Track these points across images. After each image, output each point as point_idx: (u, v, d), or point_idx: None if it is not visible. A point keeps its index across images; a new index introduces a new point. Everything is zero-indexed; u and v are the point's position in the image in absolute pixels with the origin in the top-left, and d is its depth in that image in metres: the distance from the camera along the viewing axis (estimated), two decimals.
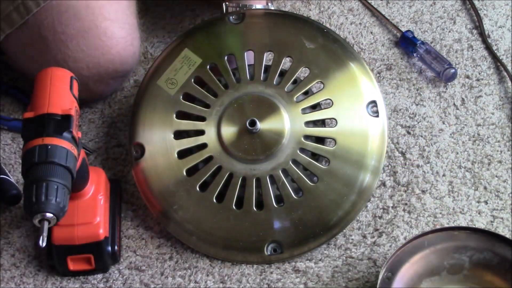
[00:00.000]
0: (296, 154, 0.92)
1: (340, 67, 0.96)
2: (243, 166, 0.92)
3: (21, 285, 0.92)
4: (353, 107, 0.95)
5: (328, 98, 0.95)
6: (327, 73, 0.96)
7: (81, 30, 0.95)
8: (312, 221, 0.92)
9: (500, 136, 1.04)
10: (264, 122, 0.93)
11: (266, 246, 0.92)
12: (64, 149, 0.76)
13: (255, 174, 0.92)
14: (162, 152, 0.94)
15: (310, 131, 0.94)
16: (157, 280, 0.92)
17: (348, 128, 0.94)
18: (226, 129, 0.93)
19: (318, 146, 0.93)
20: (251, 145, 0.92)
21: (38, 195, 0.73)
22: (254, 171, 0.92)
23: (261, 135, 0.92)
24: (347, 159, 0.93)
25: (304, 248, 0.92)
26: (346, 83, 0.96)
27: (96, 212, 0.89)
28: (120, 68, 0.99)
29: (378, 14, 1.17)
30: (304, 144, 0.93)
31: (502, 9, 1.17)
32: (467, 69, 1.11)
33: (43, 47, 0.96)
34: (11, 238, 0.95)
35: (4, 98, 1.08)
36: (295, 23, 1.00)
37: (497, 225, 0.96)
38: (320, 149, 0.93)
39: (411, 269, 0.87)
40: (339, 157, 0.93)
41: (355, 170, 0.92)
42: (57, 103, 0.80)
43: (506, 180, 1.00)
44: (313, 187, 0.92)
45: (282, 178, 0.92)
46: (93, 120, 1.06)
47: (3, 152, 1.03)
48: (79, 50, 0.95)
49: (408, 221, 0.96)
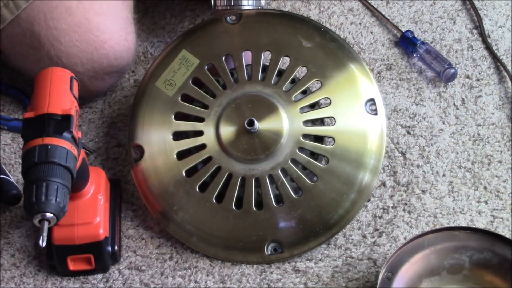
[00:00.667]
0: (295, 153, 0.92)
1: (338, 65, 0.96)
2: (242, 166, 0.92)
3: (21, 285, 0.92)
4: (351, 105, 0.95)
5: (327, 96, 0.95)
6: (325, 71, 0.96)
7: (73, 25, 0.95)
8: (312, 220, 0.92)
9: (500, 136, 1.04)
10: (262, 122, 0.93)
11: (266, 246, 0.92)
12: (64, 149, 0.76)
13: (254, 174, 0.92)
14: (161, 153, 0.95)
15: (309, 130, 0.94)
16: (157, 280, 0.92)
17: (347, 126, 0.94)
18: (224, 130, 0.93)
19: (317, 145, 0.93)
20: (250, 145, 0.92)
21: (38, 195, 0.73)
22: (253, 171, 0.92)
23: (260, 134, 0.92)
24: (346, 158, 0.93)
25: (304, 247, 0.92)
26: (344, 82, 0.96)
27: (96, 212, 0.89)
28: (115, 63, 0.99)
29: (378, 14, 1.17)
30: (303, 143, 0.93)
31: (502, 9, 1.17)
32: (467, 69, 1.11)
33: (36, 43, 0.96)
34: (11, 238, 0.95)
35: (4, 98, 1.08)
36: (292, 22, 1.00)
37: (497, 225, 0.96)
38: (319, 148, 0.93)
39: (411, 269, 0.87)
40: (338, 156, 0.92)
41: (354, 169, 0.92)
42: (57, 103, 0.80)
43: (506, 180, 1.00)
44: (312, 186, 0.92)
45: (282, 177, 0.92)
46: (93, 120, 1.06)
47: (3, 152, 1.03)
48: (72, 45, 0.95)
49: (408, 221, 0.96)
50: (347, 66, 0.97)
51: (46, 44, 0.95)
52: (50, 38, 0.95)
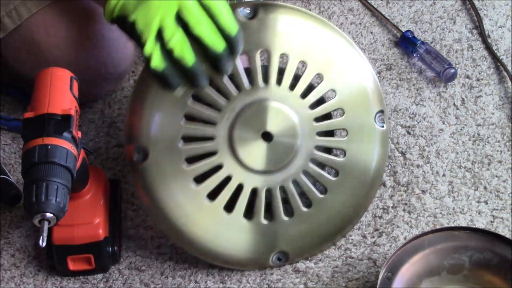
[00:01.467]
0: (307, 165, 0.89)
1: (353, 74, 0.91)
2: (255, 177, 0.88)
3: (21, 285, 0.92)
4: (363, 116, 0.90)
5: (340, 107, 0.90)
6: (340, 80, 0.90)
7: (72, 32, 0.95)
8: (319, 232, 0.91)
9: (500, 136, 1.04)
10: (278, 132, 0.88)
11: (272, 257, 0.91)
12: (64, 149, 0.76)
13: (265, 185, 0.88)
14: (168, 158, 0.88)
15: (322, 141, 0.90)
16: (157, 280, 0.92)
17: (358, 139, 0.90)
18: (238, 137, 0.87)
19: (329, 158, 0.90)
20: (264, 155, 0.88)
21: (38, 195, 0.73)
22: (265, 182, 0.88)
23: (274, 145, 0.88)
24: (355, 170, 0.90)
25: (307, 255, 0.93)
26: (356, 91, 0.90)
27: (96, 212, 0.89)
28: (112, 70, 0.99)
29: (378, 14, 1.17)
30: (315, 155, 0.89)
31: (502, 9, 1.17)
32: (467, 69, 1.11)
33: (35, 50, 0.96)
34: (11, 238, 0.95)
35: (4, 98, 1.08)
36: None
37: (497, 225, 0.96)
38: (332, 161, 0.90)
39: (411, 269, 0.87)
40: (348, 169, 0.90)
41: (362, 182, 0.91)
42: (57, 103, 0.80)
43: (506, 180, 1.00)
44: (322, 199, 0.90)
45: (292, 189, 0.89)
46: (93, 120, 1.06)
47: (3, 152, 1.03)
48: (71, 52, 0.95)
49: (408, 221, 0.96)
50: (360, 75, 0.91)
51: (46, 52, 0.95)
52: (50, 46, 0.95)
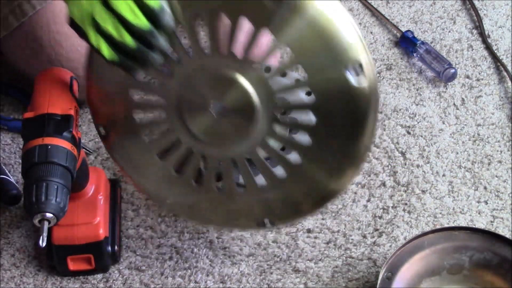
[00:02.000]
0: (271, 130, 0.79)
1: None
2: (216, 150, 0.82)
3: (21, 285, 0.92)
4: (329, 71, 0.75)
5: (299, 63, 0.76)
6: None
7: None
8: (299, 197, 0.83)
9: (500, 136, 1.04)
10: (228, 101, 0.78)
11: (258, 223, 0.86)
12: (64, 149, 0.76)
13: (230, 156, 0.82)
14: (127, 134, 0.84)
15: (284, 104, 0.81)
16: (157, 280, 0.92)
17: (328, 94, 0.76)
18: (188, 116, 0.80)
19: (296, 120, 0.82)
20: (219, 127, 0.80)
21: (38, 195, 0.73)
22: (228, 153, 0.81)
23: (229, 115, 0.79)
24: (330, 128, 0.78)
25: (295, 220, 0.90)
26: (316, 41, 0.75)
27: (96, 212, 0.89)
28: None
29: (378, 14, 1.17)
30: (280, 118, 0.79)
31: (502, 9, 1.17)
32: (467, 69, 1.11)
33: (38, 47, 0.96)
34: (11, 238, 0.95)
35: (4, 98, 1.08)
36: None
37: (497, 225, 0.96)
38: (299, 122, 0.82)
39: (411, 269, 0.87)
40: (322, 128, 0.78)
41: (342, 141, 0.78)
42: (57, 103, 0.80)
43: (506, 180, 1.00)
44: (295, 164, 0.81)
45: (261, 158, 0.81)
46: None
47: (3, 152, 1.03)
48: (73, 49, 0.95)
49: (408, 221, 0.96)
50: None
51: (48, 48, 0.95)
52: (52, 43, 0.95)
